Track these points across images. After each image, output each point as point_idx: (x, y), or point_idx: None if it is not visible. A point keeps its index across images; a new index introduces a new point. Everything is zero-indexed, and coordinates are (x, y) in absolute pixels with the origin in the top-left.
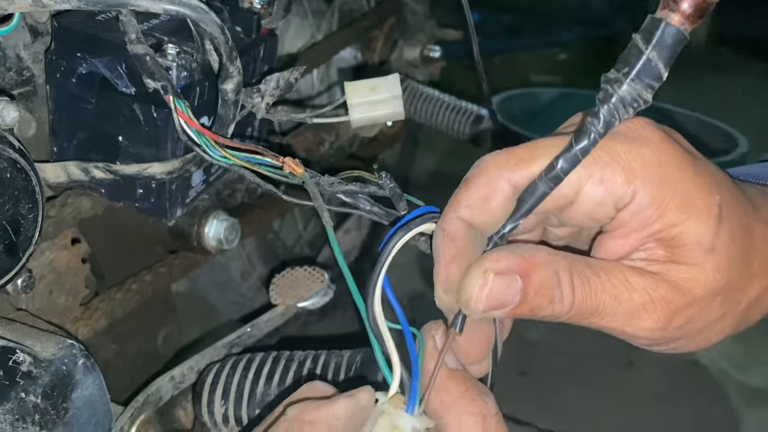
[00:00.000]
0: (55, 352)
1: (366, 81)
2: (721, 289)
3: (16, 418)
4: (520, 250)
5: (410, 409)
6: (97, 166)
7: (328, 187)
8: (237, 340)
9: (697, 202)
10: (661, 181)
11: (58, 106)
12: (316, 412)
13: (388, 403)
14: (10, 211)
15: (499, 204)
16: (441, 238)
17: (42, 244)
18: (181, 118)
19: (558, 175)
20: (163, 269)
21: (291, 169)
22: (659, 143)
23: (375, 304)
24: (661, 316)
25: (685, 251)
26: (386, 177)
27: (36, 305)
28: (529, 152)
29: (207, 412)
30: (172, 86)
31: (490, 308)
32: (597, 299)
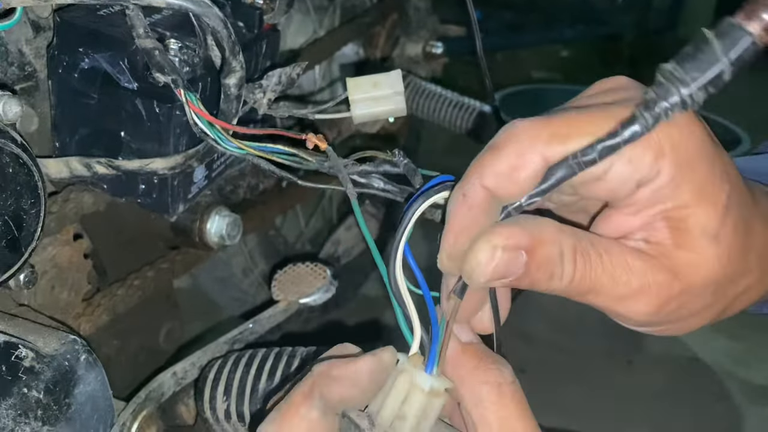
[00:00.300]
0: (57, 348)
1: (368, 77)
2: (717, 279)
3: (19, 413)
4: (528, 225)
5: (429, 368)
6: (99, 161)
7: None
8: (239, 336)
9: (708, 188)
10: (684, 163)
11: (60, 102)
12: (342, 368)
13: (408, 362)
14: (13, 207)
15: (528, 176)
16: (458, 204)
17: (44, 239)
18: (193, 110)
19: (594, 159)
20: (165, 265)
21: (314, 144)
22: (688, 124)
23: (396, 267)
24: (654, 301)
25: (690, 236)
26: (399, 154)
27: (38, 301)
28: (565, 127)
29: (209, 408)
30: (182, 79)
31: (491, 280)
32: (595, 279)
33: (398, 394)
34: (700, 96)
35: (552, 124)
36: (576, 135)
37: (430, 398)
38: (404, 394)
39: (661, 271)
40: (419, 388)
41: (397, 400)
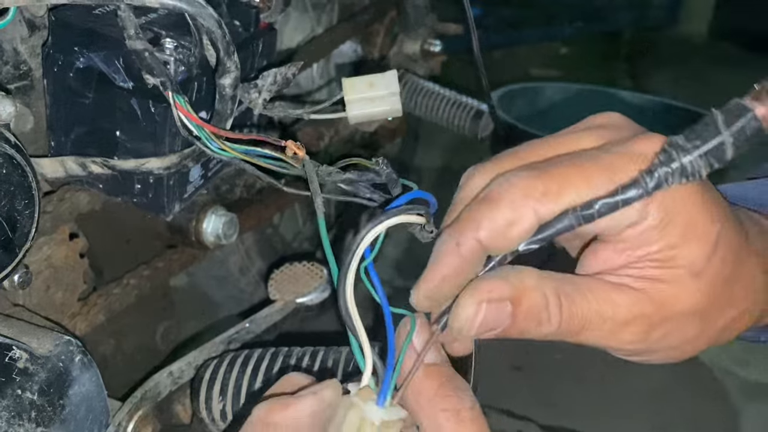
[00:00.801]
0: (51, 349)
1: (363, 77)
2: (701, 309)
3: (13, 415)
4: (511, 276)
5: (381, 401)
6: (95, 161)
7: (327, 176)
8: (235, 335)
9: (697, 228)
10: (672, 206)
11: (55, 101)
12: (281, 413)
13: (358, 395)
14: (6, 207)
15: (521, 232)
16: (450, 252)
17: (39, 239)
18: (181, 112)
19: (592, 215)
20: (161, 264)
21: (293, 151)
22: None
23: (347, 293)
24: (640, 330)
25: (676, 273)
26: (383, 163)
27: (33, 301)
28: (557, 184)
29: (205, 408)
30: (171, 81)
31: (479, 334)
32: (583, 317)
33: (350, 428)
34: (701, 165)
35: (545, 180)
36: (568, 192)
37: (383, 431)
38: (356, 428)
39: (645, 302)
40: (369, 422)
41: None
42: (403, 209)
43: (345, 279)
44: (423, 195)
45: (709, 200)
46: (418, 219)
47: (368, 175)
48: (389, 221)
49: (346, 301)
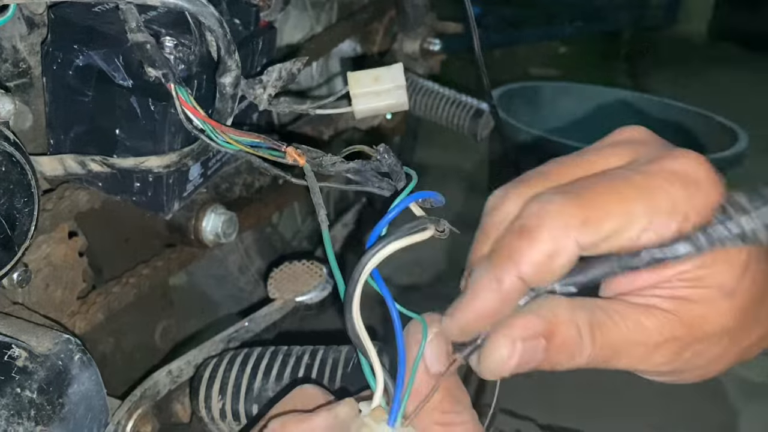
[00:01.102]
0: (51, 347)
1: (369, 71)
2: (730, 328)
3: (12, 413)
4: (543, 311)
5: (392, 421)
6: (94, 159)
7: (331, 167)
8: (235, 334)
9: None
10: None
11: (54, 99)
12: (296, 427)
13: (370, 415)
14: (6, 205)
15: (563, 264)
16: (490, 290)
17: (38, 237)
18: (184, 106)
19: (637, 266)
20: (161, 263)
21: (293, 160)
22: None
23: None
24: (671, 352)
25: (706, 293)
26: (384, 151)
27: (32, 299)
28: (597, 210)
29: (204, 407)
30: (173, 74)
31: (514, 372)
32: (614, 345)
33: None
34: (761, 231)
35: (583, 207)
36: (608, 221)
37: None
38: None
39: (675, 324)
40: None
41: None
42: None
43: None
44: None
45: None
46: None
47: (371, 163)
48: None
49: (354, 324)
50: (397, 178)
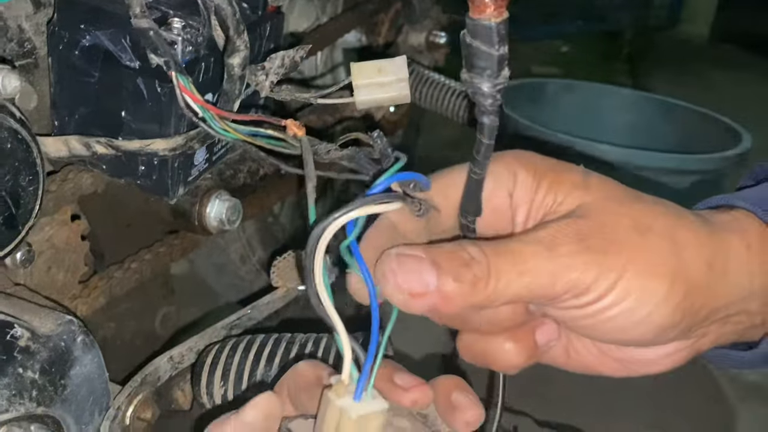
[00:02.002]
0: (53, 328)
1: (372, 62)
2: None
3: (14, 393)
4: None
5: (357, 395)
6: (99, 141)
7: (325, 155)
8: (237, 321)
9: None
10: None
11: (59, 79)
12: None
13: (333, 390)
14: (11, 183)
15: None
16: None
17: (41, 219)
18: (184, 93)
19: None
20: (163, 249)
21: (293, 131)
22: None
23: (316, 280)
24: (574, 241)
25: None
26: (377, 136)
27: (34, 281)
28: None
29: (206, 393)
30: (175, 62)
31: (407, 285)
32: (509, 248)
33: (330, 423)
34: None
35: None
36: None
37: (362, 424)
38: (335, 423)
39: (569, 221)
40: (347, 416)
41: (331, 429)
42: (369, 200)
43: (312, 272)
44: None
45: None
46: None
47: (365, 149)
48: (353, 213)
49: (317, 293)
50: (387, 162)
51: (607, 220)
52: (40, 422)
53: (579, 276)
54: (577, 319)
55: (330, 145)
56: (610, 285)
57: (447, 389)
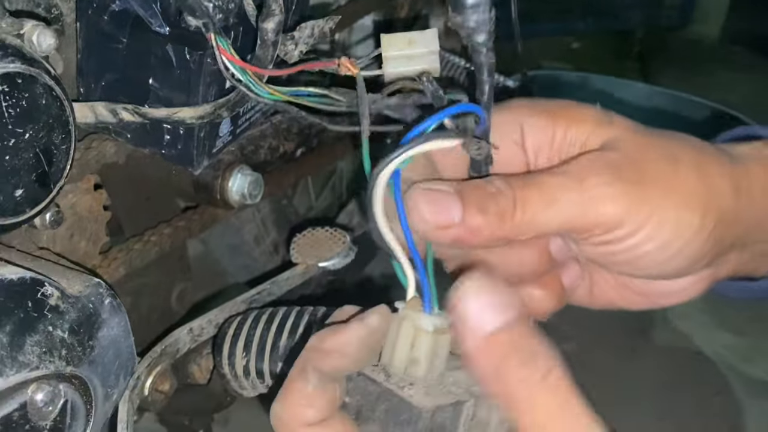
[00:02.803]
0: (81, 290)
1: (403, 34)
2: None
3: (44, 350)
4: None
5: (428, 309)
6: (126, 108)
7: (372, 104)
8: (257, 296)
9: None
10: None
11: (87, 45)
12: (330, 340)
13: (406, 308)
14: (44, 140)
15: None
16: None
17: (65, 186)
18: (224, 55)
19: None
20: (182, 223)
21: (347, 69)
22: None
23: (377, 208)
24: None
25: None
26: (427, 80)
27: (57, 247)
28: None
29: (228, 364)
30: (213, 23)
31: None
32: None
33: (405, 341)
34: None
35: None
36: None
37: (437, 337)
38: (411, 339)
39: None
40: (423, 330)
41: (406, 347)
42: (429, 137)
43: (373, 200)
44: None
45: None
46: (447, 143)
47: (413, 96)
48: (413, 150)
49: (378, 222)
50: (440, 104)
51: (637, 153)
52: (69, 382)
53: (611, 209)
54: (609, 255)
55: (375, 95)
56: (645, 218)
57: None
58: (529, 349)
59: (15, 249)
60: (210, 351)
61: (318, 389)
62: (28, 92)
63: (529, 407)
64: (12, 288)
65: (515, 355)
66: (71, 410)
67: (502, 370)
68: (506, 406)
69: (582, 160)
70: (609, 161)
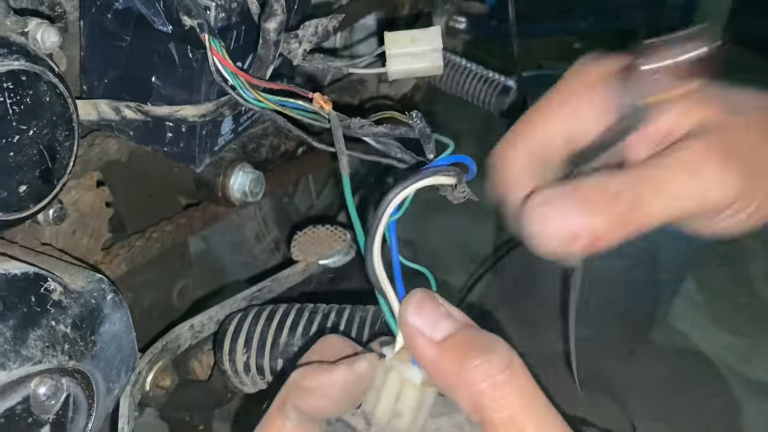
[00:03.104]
0: (84, 285)
1: (406, 32)
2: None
3: (47, 345)
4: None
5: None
6: (129, 105)
7: (359, 129)
8: (257, 293)
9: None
10: None
11: (91, 43)
12: (315, 379)
13: (395, 357)
14: (48, 136)
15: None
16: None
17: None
18: (216, 57)
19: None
20: (184, 220)
21: (319, 105)
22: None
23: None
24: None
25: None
26: (416, 116)
27: (59, 244)
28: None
29: (228, 360)
30: (208, 24)
31: (561, 231)
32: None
33: (391, 392)
34: None
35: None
36: None
37: (424, 390)
38: (397, 390)
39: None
40: (410, 383)
41: (391, 398)
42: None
43: (372, 241)
44: (461, 159)
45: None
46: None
47: (401, 129)
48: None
49: (374, 263)
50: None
51: (738, 136)
52: (71, 376)
53: (727, 194)
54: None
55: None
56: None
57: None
58: (485, 346)
59: (18, 245)
60: (211, 347)
61: (298, 428)
62: (31, 89)
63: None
64: (15, 283)
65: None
66: (73, 404)
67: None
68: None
69: (688, 147)
70: (712, 147)
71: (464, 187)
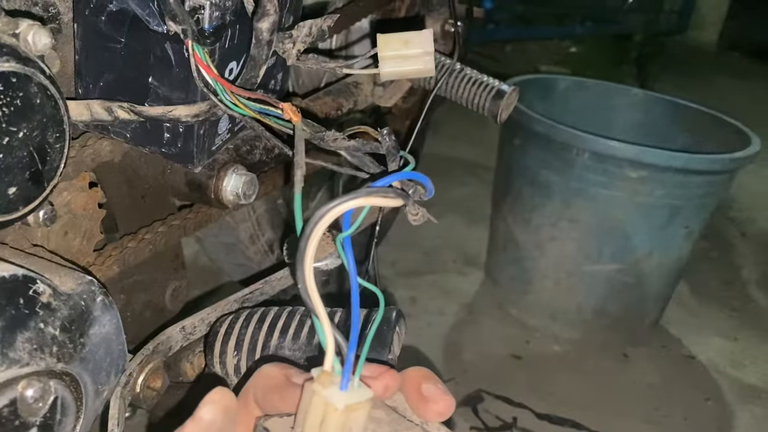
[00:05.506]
0: (73, 287)
1: (399, 34)
2: None
3: (35, 347)
4: None
5: (344, 384)
6: (122, 106)
7: (332, 142)
8: (249, 295)
9: None
10: None
11: (85, 45)
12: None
13: (318, 381)
14: (38, 138)
15: None
16: None
17: (60, 183)
18: (199, 64)
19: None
20: (177, 222)
21: (289, 116)
22: None
23: (306, 268)
24: None
25: None
26: (387, 134)
27: (51, 245)
28: None
29: (219, 363)
30: (192, 30)
31: None
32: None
33: (316, 416)
34: None
35: None
36: None
37: (348, 414)
38: (321, 415)
39: None
40: (333, 407)
41: (316, 422)
42: (368, 192)
43: (304, 259)
44: (417, 177)
45: None
46: (387, 202)
47: (372, 144)
48: (347, 204)
49: (305, 282)
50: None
51: None
52: (59, 379)
53: None
54: None
55: (337, 134)
56: None
57: (416, 380)
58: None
59: (8, 246)
60: (202, 349)
61: None
62: (22, 91)
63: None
64: (4, 285)
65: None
66: (61, 407)
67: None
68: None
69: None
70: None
71: (417, 208)
